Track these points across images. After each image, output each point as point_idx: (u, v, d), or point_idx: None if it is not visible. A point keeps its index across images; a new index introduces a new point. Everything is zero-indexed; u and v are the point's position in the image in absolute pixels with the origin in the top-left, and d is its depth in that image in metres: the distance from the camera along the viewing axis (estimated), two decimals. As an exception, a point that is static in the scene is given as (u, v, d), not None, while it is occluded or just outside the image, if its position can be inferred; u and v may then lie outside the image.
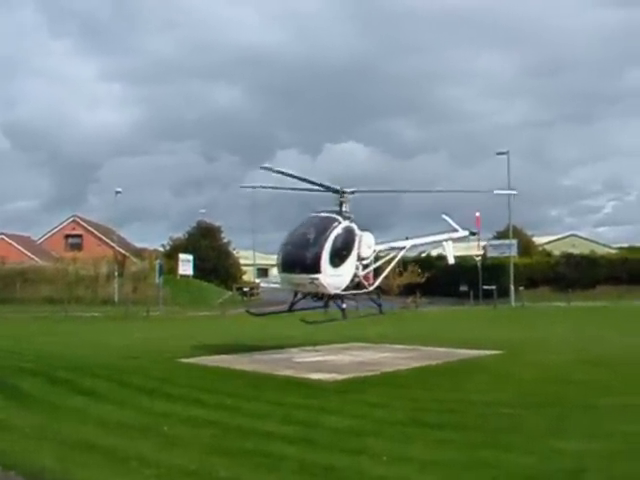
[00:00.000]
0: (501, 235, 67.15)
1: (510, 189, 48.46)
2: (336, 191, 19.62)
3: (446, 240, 23.59)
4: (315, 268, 17.99)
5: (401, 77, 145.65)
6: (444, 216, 23.83)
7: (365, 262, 19.64)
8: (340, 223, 18.68)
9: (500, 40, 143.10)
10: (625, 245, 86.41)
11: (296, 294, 20.08)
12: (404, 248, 22.00)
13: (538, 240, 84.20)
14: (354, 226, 19.17)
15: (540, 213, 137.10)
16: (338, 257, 18.38)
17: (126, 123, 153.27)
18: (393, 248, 21.70)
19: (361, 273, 19.46)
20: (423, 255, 74.36)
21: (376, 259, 20.58)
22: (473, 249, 71.65)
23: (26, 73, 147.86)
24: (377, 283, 20.68)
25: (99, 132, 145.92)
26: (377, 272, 21.05)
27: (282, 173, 18.68)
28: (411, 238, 22.73)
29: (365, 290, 20.02)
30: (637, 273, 64.35)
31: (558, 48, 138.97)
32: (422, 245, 24.26)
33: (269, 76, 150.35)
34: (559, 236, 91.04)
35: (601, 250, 77.54)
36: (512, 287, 57.67)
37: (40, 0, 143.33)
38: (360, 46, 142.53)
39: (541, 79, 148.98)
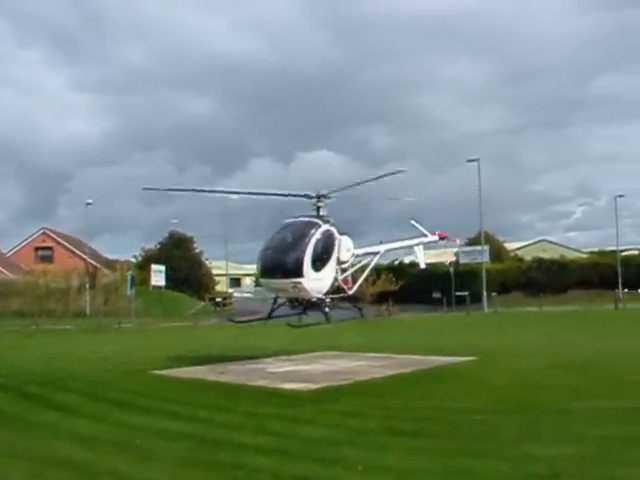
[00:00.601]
0: (473, 241, 67.55)
1: (480, 195, 48.96)
2: (309, 197, 19.65)
3: (417, 245, 23.85)
4: (297, 272, 17.95)
5: (372, 85, 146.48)
6: (413, 222, 24.06)
7: (344, 266, 19.68)
8: (320, 227, 18.70)
9: (471, 48, 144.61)
10: (595, 249, 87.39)
11: (275, 300, 20.04)
12: (379, 253, 22.10)
13: (509, 246, 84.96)
14: (334, 230, 19.20)
15: (511, 219, 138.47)
16: (320, 261, 18.39)
17: (96, 133, 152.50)
18: (368, 253, 21.76)
19: (340, 277, 19.51)
20: (396, 263, 74.65)
21: (353, 264, 20.64)
22: (444, 255, 72.21)
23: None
24: (356, 287, 20.74)
25: (69, 142, 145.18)
26: (354, 276, 21.12)
27: (173, 190, 18.81)
28: (385, 243, 22.91)
29: (344, 294, 20.06)
30: (607, 277, 65.04)
31: (528, 56, 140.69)
32: (395, 250, 24.40)
33: (240, 85, 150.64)
34: (530, 241, 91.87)
35: (571, 255, 78.30)
36: (485, 293, 58.01)
37: (7, 10, 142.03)
38: (332, 55, 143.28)
39: (511, 86, 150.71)
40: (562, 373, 15.75)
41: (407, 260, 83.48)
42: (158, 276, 64.40)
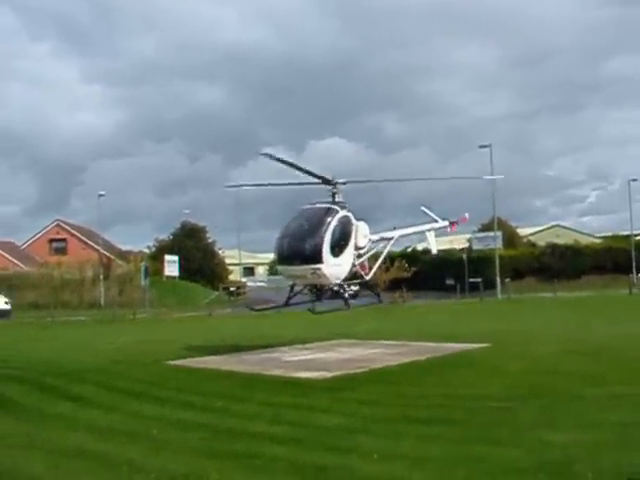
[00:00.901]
0: (486, 227, 67.31)
1: (494, 181, 48.71)
2: (328, 181, 19.62)
3: (428, 230, 23.78)
4: (317, 258, 17.95)
5: (383, 72, 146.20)
6: (423, 208, 24.03)
7: (361, 252, 19.71)
8: (338, 212, 18.71)
9: (480, 32, 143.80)
10: (609, 234, 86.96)
11: (292, 288, 20.09)
12: (393, 238, 22.08)
13: (522, 231, 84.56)
14: (351, 215, 19.22)
15: (525, 204, 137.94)
16: (338, 247, 18.41)
17: (108, 125, 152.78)
18: (383, 238, 21.79)
19: (358, 263, 19.54)
20: (409, 250, 74.57)
21: (369, 250, 20.65)
22: (457, 242, 72.05)
23: (6, 76, 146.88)
24: (372, 272, 20.77)
25: (81, 134, 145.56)
26: (370, 262, 21.14)
27: (281, 161, 18.56)
28: (399, 228, 22.97)
29: (362, 280, 20.09)
30: (621, 262, 64.83)
31: (539, 38, 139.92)
32: (408, 235, 24.32)
33: (251, 74, 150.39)
34: (543, 227, 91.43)
35: (585, 240, 78.00)
36: (498, 279, 57.85)
37: (18, 4, 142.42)
38: (341, 42, 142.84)
39: (522, 70, 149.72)
40: (577, 359, 15.73)
41: (420, 247, 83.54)
42: (172, 266, 64.60)
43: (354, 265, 19.28)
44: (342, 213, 18.85)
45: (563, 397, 11.14)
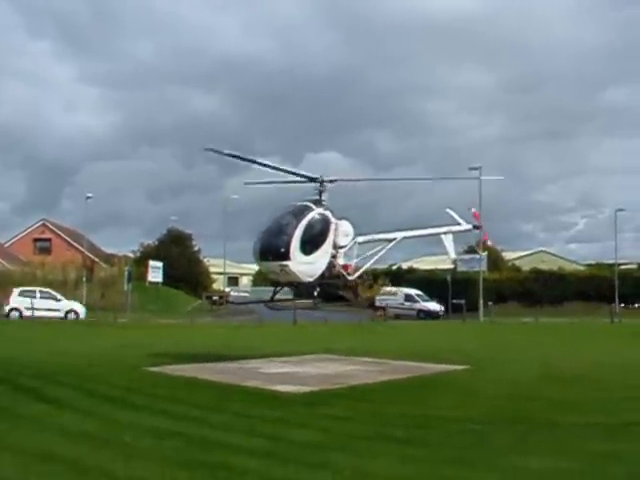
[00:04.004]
0: (471, 249, 67.55)
1: (480, 204, 48.88)
2: (314, 179, 19.62)
3: (445, 233, 23.20)
4: (284, 255, 18.06)
5: (382, 89, 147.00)
6: (448, 210, 23.70)
7: (342, 251, 19.61)
8: (312, 210, 18.71)
9: (478, 55, 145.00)
10: (593, 262, 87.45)
11: (276, 284, 20.15)
12: (394, 239, 21.60)
13: (508, 255, 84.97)
14: (328, 214, 19.17)
15: (513, 228, 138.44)
16: (310, 244, 18.44)
17: (104, 127, 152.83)
18: (381, 240, 21.54)
19: (341, 262, 19.48)
20: (394, 267, 74.68)
21: (360, 250, 20.53)
22: (442, 263, 72.06)
23: (2, 74, 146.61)
24: (358, 273, 20.67)
25: (76, 135, 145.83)
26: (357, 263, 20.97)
27: (233, 156, 18.68)
28: (403, 230, 22.45)
29: (344, 280, 20.00)
30: (604, 290, 65.11)
31: (536, 64, 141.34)
32: (415, 237, 23.45)
33: (249, 84, 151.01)
34: (528, 252, 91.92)
35: (570, 267, 78.38)
36: (481, 302, 57.96)
37: (17, 0, 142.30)
38: (342, 56, 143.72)
39: (517, 95, 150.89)
40: (556, 385, 15.71)
41: (405, 266, 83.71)
42: (155, 272, 64.40)
43: (333, 265, 19.21)
44: (317, 211, 18.85)
45: (540, 423, 11.09)
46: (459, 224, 23.45)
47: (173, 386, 14.89)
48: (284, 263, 18.13)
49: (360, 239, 20.36)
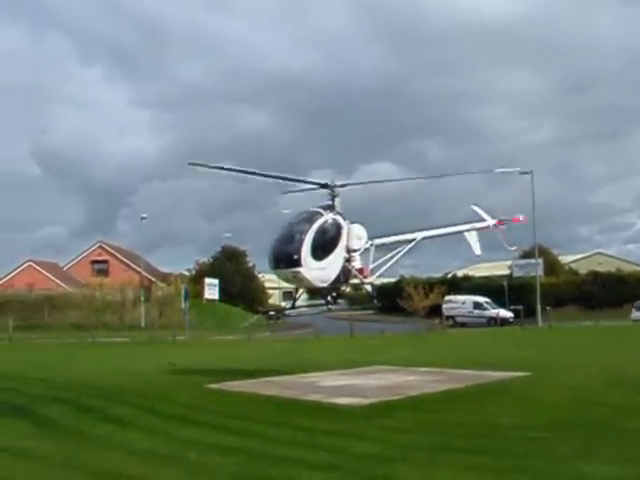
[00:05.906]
0: (527, 254, 66.68)
1: (534, 209, 48.29)
2: (325, 186, 19.66)
3: (468, 230, 23.17)
4: (296, 262, 18.13)
5: (431, 97, 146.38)
6: (473, 206, 23.61)
7: (355, 254, 19.58)
8: (322, 215, 18.76)
9: (527, 59, 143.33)
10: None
11: (297, 290, 20.66)
12: (414, 240, 21.55)
13: (564, 259, 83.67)
14: (339, 218, 19.20)
15: (570, 231, 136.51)
16: (321, 250, 18.47)
17: (157, 148, 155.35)
18: (399, 241, 21.51)
19: (357, 265, 19.47)
20: (449, 276, 74.16)
21: (378, 251, 20.52)
22: (498, 269, 71.39)
23: (57, 100, 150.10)
24: (375, 276, 20.63)
25: (130, 158, 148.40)
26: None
27: (222, 169, 19.03)
28: (423, 230, 22.38)
29: (361, 283, 20.04)
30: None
31: (586, 65, 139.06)
32: (436, 237, 23.10)
33: (299, 99, 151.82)
34: (585, 254, 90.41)
35: (628, 267, 76.81)
36: (539, 307, 57.10)
37: (69, 28, 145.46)
38: (389, 67, 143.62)
39: (568, 97, 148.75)
40: (619, 390, 15.43)
41: (460, 273, 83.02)
42: (212, 289, 64.87)
43: (347, 269, 19.20)
44: (327, 216, 18.88)
45: (605, 429, 10.94)
46: (483, 220, 23.25)
47: (234, 402, 15.03)
48: (296, 270, 18.21)
49: (377, 242, 20.34)
